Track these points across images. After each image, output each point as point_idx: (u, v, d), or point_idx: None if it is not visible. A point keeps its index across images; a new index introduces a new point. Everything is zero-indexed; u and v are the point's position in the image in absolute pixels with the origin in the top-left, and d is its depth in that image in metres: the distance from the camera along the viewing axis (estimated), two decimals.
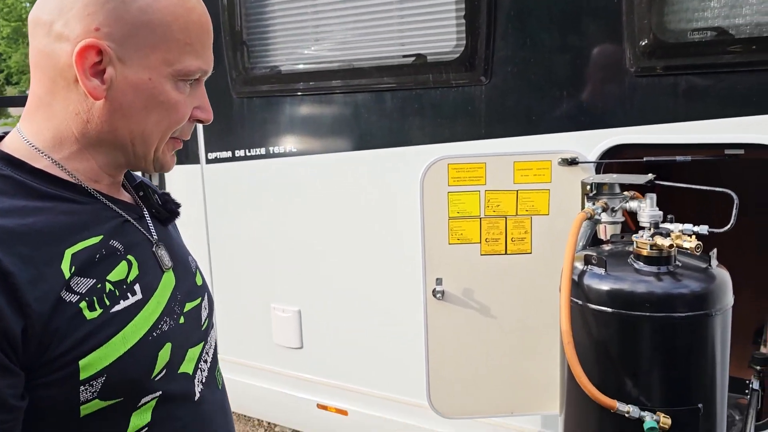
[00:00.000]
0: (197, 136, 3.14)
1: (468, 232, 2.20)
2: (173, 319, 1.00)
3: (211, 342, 1.13)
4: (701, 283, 1.55)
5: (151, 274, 0.99)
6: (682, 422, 1.53)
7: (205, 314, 1.11)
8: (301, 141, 2.84)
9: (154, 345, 0.94)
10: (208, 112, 1.02)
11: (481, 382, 2.25)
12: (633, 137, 2.13)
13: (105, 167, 0.97)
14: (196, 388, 1.03)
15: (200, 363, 1.06)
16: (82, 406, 0.85)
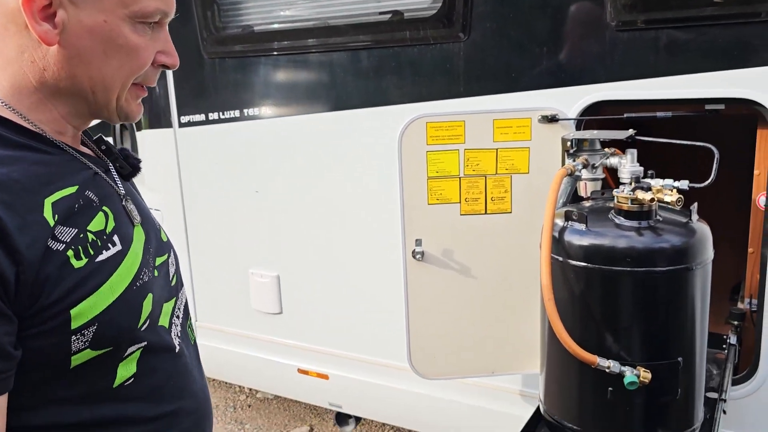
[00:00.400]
0: (169, 100, 3.05)
1: (447, 192, 2.16)
2: (150, 272, 1.00)
3: (182, 298, 1.14)
4: (682, 237, 1.53)
5: (125, 227, 0.99)
6: (662, 376, 1.53)
7: (173, 270, 1.12)
8: (277, 102, 2.77)
9: (138, 294, 0.95)
10: (174, 56, 0.98)
11: (462, 342, 2.24)
12: (613, 93, 2.10)
13: (68, 117, 0.95)
14: (174, 341, 1.04)
15: (174, 318, 1.07)
16: (73, 356, 0.85)
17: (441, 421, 2.71)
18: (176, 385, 1.04)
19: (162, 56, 0.96)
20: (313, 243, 2.81)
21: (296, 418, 3.60)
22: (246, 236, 3.01)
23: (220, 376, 3.45)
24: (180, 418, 1.04)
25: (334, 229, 2.73)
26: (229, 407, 3.76)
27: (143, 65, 0.93)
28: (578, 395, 1.65)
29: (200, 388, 1.11)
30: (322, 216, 2.75)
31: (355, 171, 2.62)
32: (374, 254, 2.65)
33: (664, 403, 1.57)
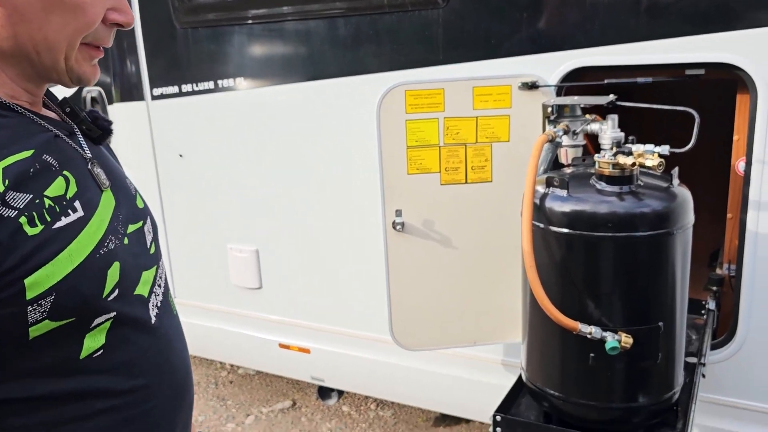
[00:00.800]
0: (141, 72, 2.97)
1: (427, 162, 2.13)
2: (118, 239, 0.95)
3: (163, 267, 1.10)
4: (663, 202, 1.52)
5: (90, 192, 0.93)
6: (643, 341, 1.53)
7: (150, 238, 1.07)
8: (252, 73, 2.70)
9: (102, 262, 0.90)
10: (126, 13, 0.92)
11: (444, 313, 2.23)
12: (594, 59, 2.07)
13: (17, 80, 0.90)
14: (152, 312, 1.00)
15: (155, 287, 1.03)
16: (31, 327, 0.82)
17: (423, 392, 2.72)
18: (153, 358, 0.99)
19: (113, 14, 0.91)
20: (291, 216, 2.77)
21: (278, 393, 3.59)
22: (223, 211, 2.96)
23: (200, 353, 3.42)
24: (157, 391, 1.00)
25: (313, 201, 2.69)
26: (210, 384, 3.73)
27: (90, 23, 0.88)
28: (560, 362, 1.65)
29: (181, 362, 1.07)
30: (301, 188, 2.71)
31: (334, 141, 2.58)
32: (354, 226, 2.62)
33: (644, 368, 1.57)
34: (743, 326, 2.04)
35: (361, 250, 2.62)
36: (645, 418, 1.66)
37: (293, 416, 3.37)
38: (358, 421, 3.30)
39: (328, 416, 3.35)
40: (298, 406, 3.46)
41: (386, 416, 3.32)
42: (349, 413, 3.36)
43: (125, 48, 2.98)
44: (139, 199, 1.08)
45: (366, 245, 2.58)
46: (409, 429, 3.21)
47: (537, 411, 1.78)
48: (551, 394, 1.65)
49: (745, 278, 2.01)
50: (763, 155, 1.92)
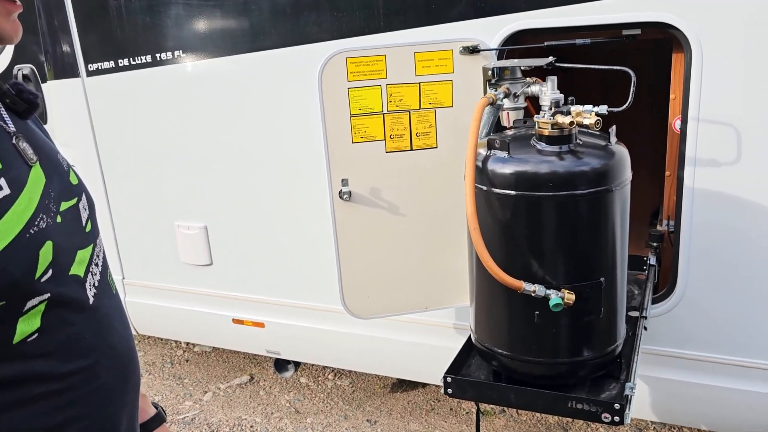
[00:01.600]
0: (74, 46, 2.85)
1: (372, 129, 2.12)
2: (50, 217, 0.90)
3: (100, 246, 1.05)
4: (601, 159, 1.55)
5: (16, 168, 0.87)
6: (586, 297, 1.57)
7: (86, 215, 1.02)
8: (192, 45, 2.63)
9: (33, 242, 0.85)
10: None
11: (394, 280, 2.24)
12: (534, 22, 2.08)
13: None
14: (89, 293, 0.97)
15: (91, 266, 0.99)
16: None
17: (379, 359, 2.74)
18: (91, 339, 0.96)
19: None
20: (239, 191, 2.73)
21: (236, 368, 3.58)
22: (168, 188, 2.89)
23: (154, 333, 3.38)
24: (97, 373, 0.98)
25: (259, 175, 2.66)
26: (166, 363, 3.69)
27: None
28: (507, 321, 1.68)
29: (122, 342, 1.04)
30: (246, 162, 2.67)
31: (277, 113, 2.54)
32: (301, 198, 2.60)
33: (588, 323, 1.62)
34: (682, 280, 2.11)
35: (309, 222, 2.61)
36: (590, 371, 1.71)
37: (251, 390, 3.37)
38: (316, 391, 3.32)
39: (286, 388, 3.35)
40: (256, 380, 3.45)
41: (344, 385, 3.35)
42: (308, 384, 3.38)
43: (56, 24, 2.86)
44: (73, 175, 1.03)
45: (314, 217, 2.56)
46: (367, 396, 3.24)
47: (487, 371, 1.82)
48: (499, 353, 1.69)
49: (684, 234, 2.07)
50: (697, 113, 1.97)
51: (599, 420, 1.57)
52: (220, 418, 3.15)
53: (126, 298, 3.17)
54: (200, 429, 3.09)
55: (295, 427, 3.04)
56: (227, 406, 3.25)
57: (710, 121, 1.96)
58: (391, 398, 3.21)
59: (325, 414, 3.13)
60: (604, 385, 1.72)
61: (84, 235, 0.99)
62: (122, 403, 1.03)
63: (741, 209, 1.98)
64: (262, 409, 3.21)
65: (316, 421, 3.08)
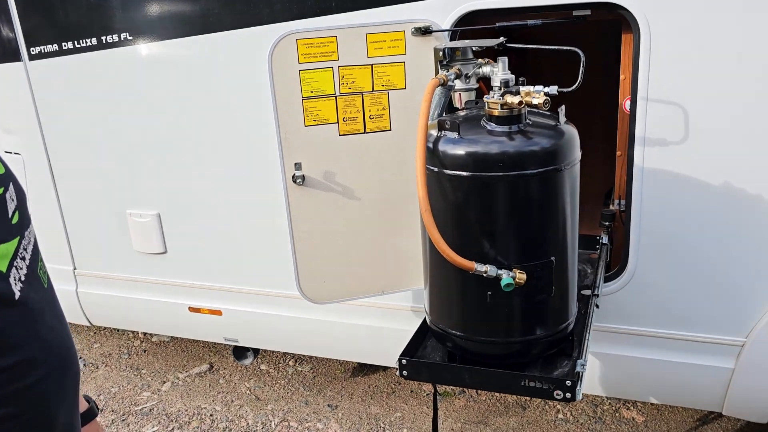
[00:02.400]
0: (14, 28, 2.74)
1: (324, 112, 2.09)
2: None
3: (29, 238, 0.99)
4: (550, 139, 1.56)
5: None
6: (537, 276, 1.58)
7: (13, 206, 0.96)
8: (138, 27, 2.55)
9: None
10: None
11: (349, 264, 2.23)
12: (485, 2, 2.07)
13: None
14: (15, 287, 0.91)
15: (16, 260, 0.94)
16: None
17: (338, 344, 2.73)
18: (22, 334, 0.92)
19: None
20: (191, 177, 2.67)
21: (195, 357, 3.53)
22: (119, 175, 2.82)
23: (108, 324, 3.31)
24: (29, 368, 0.93)
25: (211, 160, 2.61)
26: (123, 354, 3.62)
27: None
28: (460, 303, 1.69)
29: (55, 335, 0.99)
30: (198, 148, 2.61)
31: (228, 97, 2.49)
32: (254, 184, 2.56)
33: (540, 302, 1.63)
34: (633, 258, 2.15)
35: (263, 208, 2.57)
36: (543, 349, 1.73)
37: (211, 379, 3.33)
38: (277, 378, 3.30)
39: (246, 376, 3.33)
40: (215, 369, 3.42)
41: (305, 371, 3.34)
42: (268, 371, 3.36)
43: None
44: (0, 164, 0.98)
45: (267, 201, 2.53)
46: (328, 381, 3.24)
47: (442, 352, 1.82)
48: (453, 334, 1.69)
49: (634, 213, 2.11)
50: (646, 93, 1.99)
51: (551, 397, 1.59)
52: (179, 407, 3.11)
53: (78, 288, 3.09)
54: (159, 419, 3.05)
55: (255, 414, 3.02)
56: (186, 396, 3.21)
57: (659, 101, 1.98)
58: (352, 382, 3.21)
59: (286, 400, 3.12)
60: (557, 363, 1.75)
61: (9, 227, 0.94)
62: (59, 398, 0.99)
63: (689, 188, 2.02)
64: (222, 397, 3.18)
65: (276, 407, 3.07)
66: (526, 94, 1.52)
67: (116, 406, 3.17)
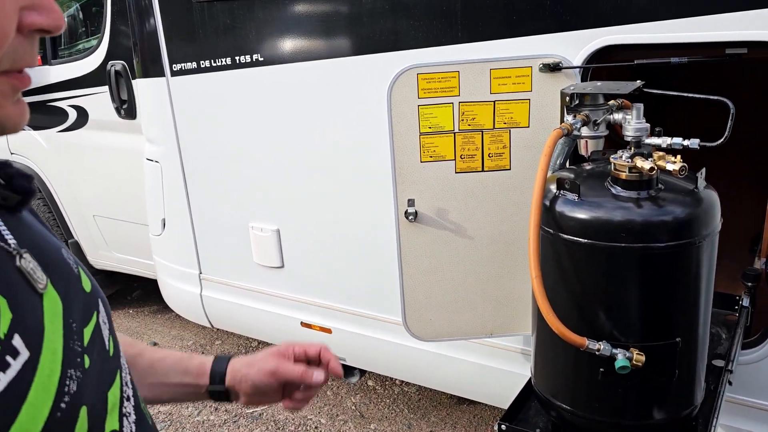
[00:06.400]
0: (160, 47, 2.91)
1: (441, 149, 2.02)
2: (79, 369, 0.63)
3: (124, 365, 0.77)
4: (685, 208, 1.39)
5: (27, 309, 0.60)
6: (659, 357, 1.42)
7: (107, 332, 0.74)
8: (269, 49, 2.61)
9: (67, 420, 0.60)
10: (50, 12, 0.59)
11: (458, 304, 2.15)
12: (623, 37, 1.90)
13: None
14: None
15: (123, 406, 0.74)
16: None
17: (442, 376, 2.67)
18: None
19: (32, 15, 0.58)
20: (312, 197, 2.71)
21: None
22: (244, 190, 2.92)
23: (228, 328, 3.45)
24: None
25: (329, 183, 2.62)
26: (241, 354, 3.78)
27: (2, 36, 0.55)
28: (568, 374, 1.56)
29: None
30: (320, 168, 2.64)
31: (353, 122, 2.48)
32: (373, 209, 2.54)
33: (660, 385, 1.47)
34: None
35: (379, 233, 2.55)
36: None
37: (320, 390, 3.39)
38: (382, 396, 3.30)
39: (353, 391, 3.35)
40: None
41: (411, 392, 3.31)
42: (374, 388, 3.36)
43: (145, 24, 2.92)
44: (84, 277, 0.74)
45: (385, 228, 2.50)
46: (432, 406, 3.19)
47: (546, 418, 1.70)
48: (559, 406, 1.57)
49: None
50: None
51: None
52: (286, 415, 3.19)
53: (203, 292, 3.25)
54: (267, 425, 3.15)
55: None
56: None
57: None
58: (457, 410, 3.14)
59: (390, 421, 3.10)
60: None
61: (110, 364, 0.73)
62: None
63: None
64: (328, 410, 3.22)
65: (379, 427, 3.06)
66: (659, 157, 1.36)
67: (230, 406, 3.30)
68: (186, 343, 3.95)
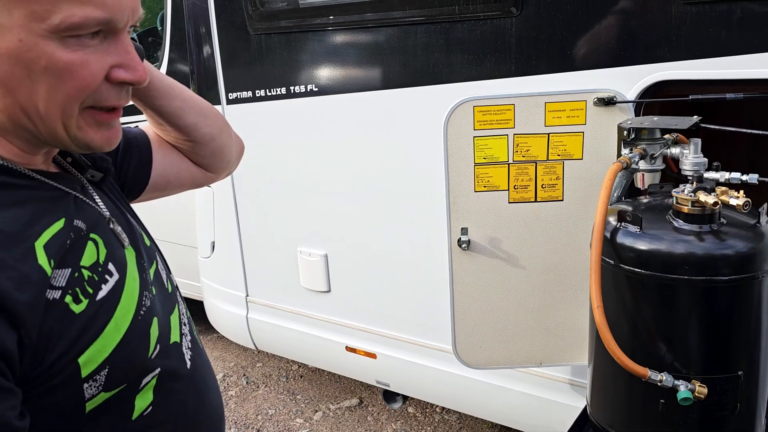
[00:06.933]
0: (217, 75, 3.02)
1: (495, 179, 2.07)
2: (150, 292, 0.94)
3: (182, 303, 1.08)
4: (747, 242, 1.41)
5: (117, 250, 0.91)
6: (720, 390, 1.43)
7: (165, 275, 1.05)
8: (323, 80, 2.70)
9: (144, 323, 0.89)
10: (134, 70, 0.81)
11: (509, 332, 2.17)
12: (677, 73, 1.93)
13: (28, 149, 0.84)
14: (186, 356, 1.01)
15: (182, 327, 1.03)
16: (87, 402, 0.81)
17: (487, 405, 2.68)
18: (194, 403, 1.01)
19: (119, 71, 0.79)
20: (361, 223, 2.77)
21: (346, 390, 3.64)
22: (294, 215, 2.99)
23: (272, 350, 3.51)
24: (201, 428, 1.03)
25: (382, 209, 2.68)
26: (281, 377, 3.82)
27: (84, 87, 0.77)
28: (627, 404, 1.57)
29: (216, 398, 1.10)
30: (371, 196, 2.70)
31: (403, 151, 2.55)
32: (422, 236, 2.59)
33: (720, 418, 1.47)
34: None
35: (426, 260, 2.59)
36: None
37: (360, 415, 3.41)
38: (423, 423, 3.30)
39: (393, 417, 3.36)
40: (364, 405, 3.49)
41: (451, 420, 3.31)
42: (415, 415, 3.37)
43: (203, 53, 3.05)
44: (145, 237, 1.04)
45: (432, 255, 2.54)
46: None
47: None
48: None
49: None
50: None
51: None
52: None
53: (249, 314, 3.31)
54: None
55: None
56: (335, 428, 3.31)
57: None
58: None
59: None
60: None
61: (169, 298, 1.01)
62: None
63: None
64: None
65: None
66: (722, 192, 1.39)
67: (271, 427, 3.35)
68: (228, 364, 4.01)
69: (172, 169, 1.22)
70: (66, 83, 0.76)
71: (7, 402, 0.70)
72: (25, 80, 0.75)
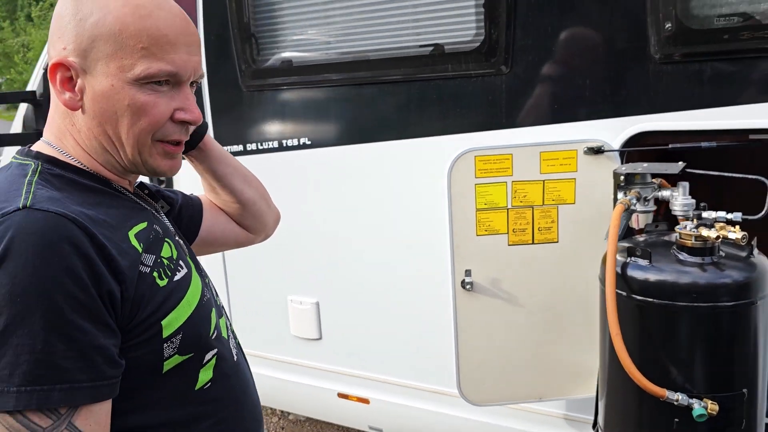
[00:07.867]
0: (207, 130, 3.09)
1: (495, 223, 2.21)
2: (208, 290, 1.16)
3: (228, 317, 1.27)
4: (744, 272, 1.58)
5: (182, 254, 1.13)
6: (727, 407, 1.57)
7: (214, 291, 1.25)
8: (315, 133, 2.82)
9: (206, 308, 1.10)
10: (191, 112, 1.04)
11: (511, 369, 2.28)
12: (657, 124, 2.15)
13: (116, 170, 1.07)
14: (233, 351, 1.19)
15: (229, 331, 1.21)
16: (165, 361, 1.00)
17: None
18: (239, 390, 1.17)
19: (180, 113, 1.03)
20: (353, 271, 2.85)
21: None
22: (284, 263, 3.05)
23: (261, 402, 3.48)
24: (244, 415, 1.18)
25: (374, 256, 2.77)
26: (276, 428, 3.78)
27: (155, 122, 1.01)
28: (642, 425, 1.69)
29: (255, 393, 1.28)
30: (362, 244, 2.79)
31: (396, 201, 2.67)
32: (413, 281, 2.69)
33: None
34: None
35: (419, 306, 2.69)
36: None
37: None
38: None
39: None
40: None
41: None
42: None
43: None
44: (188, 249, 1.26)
45: (426, 301, 2.64)
46: None
47: None
48: None
49: None
50: None
51: None
52: None
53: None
54: None
55: None
56: None
57: None
58: None
59: None
60: None
61: (219, 307, 1.23)
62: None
63: None
64: None
65: None
66: (721, 227, 1.57)
67: None
68: None
69: (219, 227, 1.47)
70: (141, 118, 1.00)
71: (113, 339, 0.91)
72: (113, 115, 0.99)
